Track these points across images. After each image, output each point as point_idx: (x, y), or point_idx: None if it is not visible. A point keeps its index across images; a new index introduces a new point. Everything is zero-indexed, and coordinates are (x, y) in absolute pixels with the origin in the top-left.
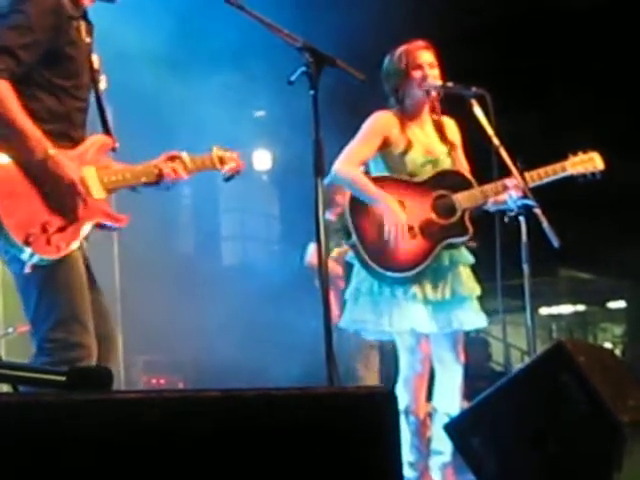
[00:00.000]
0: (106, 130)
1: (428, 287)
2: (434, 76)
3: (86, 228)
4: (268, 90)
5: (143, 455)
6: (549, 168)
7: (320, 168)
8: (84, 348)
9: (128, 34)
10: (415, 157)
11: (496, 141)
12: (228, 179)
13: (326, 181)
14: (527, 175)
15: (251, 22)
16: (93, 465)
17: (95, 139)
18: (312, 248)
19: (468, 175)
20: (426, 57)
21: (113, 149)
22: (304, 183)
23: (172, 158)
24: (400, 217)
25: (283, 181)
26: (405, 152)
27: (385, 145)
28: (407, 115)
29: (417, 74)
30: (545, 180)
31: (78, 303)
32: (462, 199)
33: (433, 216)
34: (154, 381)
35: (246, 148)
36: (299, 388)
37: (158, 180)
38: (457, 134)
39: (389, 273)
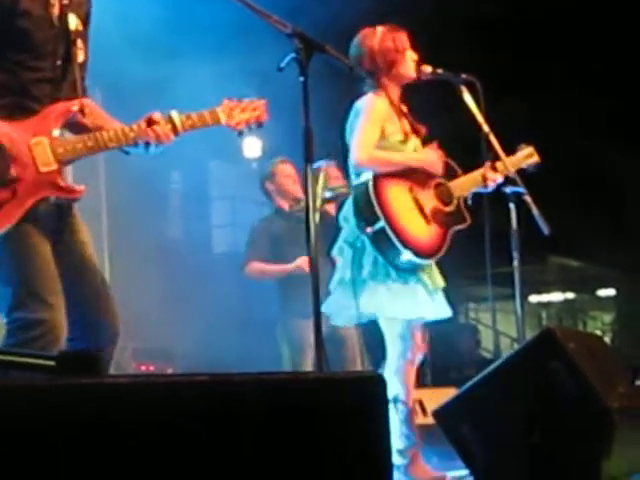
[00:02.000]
0: (73, 95)
1: (426, 276)
2: (414, 61)
3: (28, 205)
4: (258, 77)
5: (132, 439)
6: (502, 164)
7: (310, 155)
8: (44, 323)
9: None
10: (410, 147)
11: (486, 128)
12: (241, 133)
13: (352, 176)
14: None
15: (240, 8)
16: (82, 449)
17: (51, 108)
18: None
19: (453, 164)
20: (407, 41)
21: (82, 112)
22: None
23: (152, 121)
24: (439, 164)
25: None
26: (405, 141)
27: (382, 133)
28: (393, 98)
29: (408, 54)
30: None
31: (33, 278)
32: (456, 187)
33: (438, 203)
34: (143, 368)
35: (236, 135)
36: (288, 373)
37: (135, 144)
38: None
39: (417, 258)
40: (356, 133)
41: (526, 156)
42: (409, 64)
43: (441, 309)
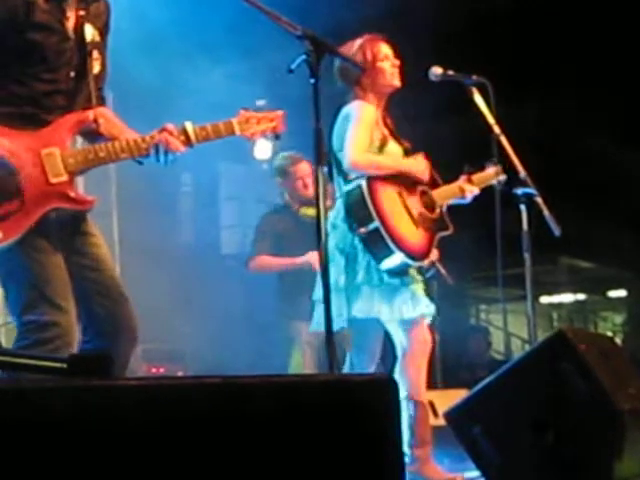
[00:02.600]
0: (87, 106)
1: (416, 272)
2: (398, 68)
3: (36, 216)
4: (269, 79)
5: (143, 441)
6: (476, 177)
7: (320, 156)
8: (57, 326)
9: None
10: (393, 149)
11: (497, 129)
12: (254, 141)
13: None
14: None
15: (251, 10)
16: (93, 451)
17: (64, 119)
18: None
19: (435, 173)
20: (387, 49)
21: (95, 122)
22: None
23: (167, 131)
24: (423, 167)
25: None
26: (382, 147)
27: (370, 138)
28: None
29: (385, 64)
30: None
31: (45, 282)
32: (438, 195)
33: (424, 209)
34: (154, 370)
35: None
36: (300, 375)
37: (147, 154)
38: None
39: (410, 260)
40: (349, 136)
41: (495, 173)
42: (387, 73)
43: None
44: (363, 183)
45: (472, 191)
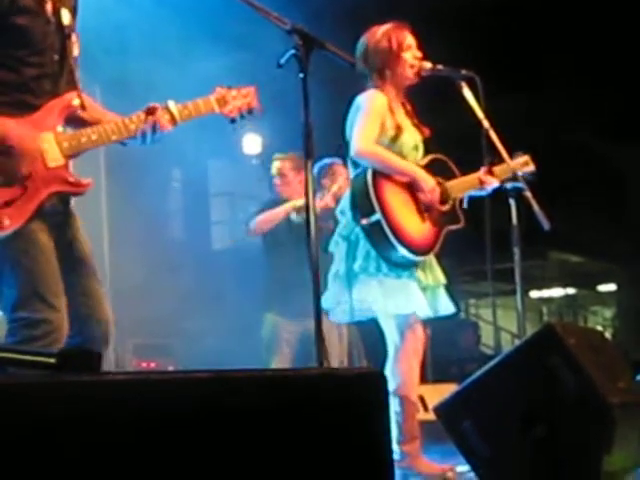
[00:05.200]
0: (71, 89)
1: (421, 272)
2: (419, 60)
3: (39, 200)
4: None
5: (133, 437)
6: (500, 169)
7: (310, 151)
8: (48, 324)
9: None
10: (406, 141)
11: (486, 124)
12: (233, 121)
13: (351, 166)
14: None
15: (240, 5)
16: (81, 447)
17: (53, 103)
18: (260, 217)
19: (452, 164)
20: (411, 39)
21: (82, 106)
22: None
23: (152, 111)
24: (432, 183)
25: None
26: (396, 138)
27: (382, 128)
28: (390, 96)
29: (408, 55)
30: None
31: (38, 279)
32: (453, 188)
33: (435, 202)
34: (144, 364)
35: (236, 132)
36: (290, 369)
37: (135, 136)
38: None
39: (410, 254)
40: (357, 125)
41: (522, 164)
42: (407, 65)
43: (443, 306)
44: (369, 172)
45: (492, 183)
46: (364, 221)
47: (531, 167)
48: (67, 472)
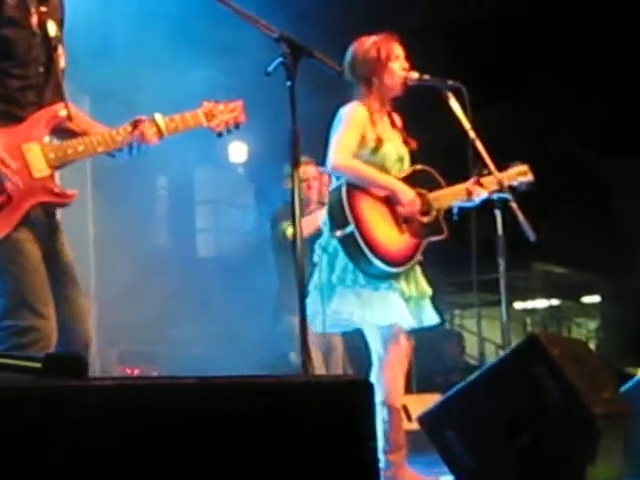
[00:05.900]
0: (57, 100)
1: (404, 283)
2: (406, 71)
3: (23, 210)
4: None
5: (119, 442)
6: (489, 180)
7: (296, 159)
8: (37, 331)
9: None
10: (388, 152)
11: (472, 134)
12: (220, 134)
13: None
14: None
15: (227, 13)
16: (67, 452)
17: (40, 114)
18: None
19: (437, 175)
20: (400, 50)
21: (69, 117)
22: (280, 175)
23: (138, 124)
24: (411, 195)
25: (259, 173)
26: (376, 149)
27: (362, 140)
28: (374, 108)
29: (396, 65)
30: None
31: (26, 287)
32: (435, 199)
33: (416, 214)
34: (128, 371)
35: (222, 140)
36: (275, 376)
37: (121, 148)
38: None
39: (385, 266)
40: (334, 138)
41: (519, 173)
42: (395, 75)
43: (427, 317)
44: (344, 185)
45: (480, 194)
46: (338, 233)
47: (529, 177)
48: (53, 477)
